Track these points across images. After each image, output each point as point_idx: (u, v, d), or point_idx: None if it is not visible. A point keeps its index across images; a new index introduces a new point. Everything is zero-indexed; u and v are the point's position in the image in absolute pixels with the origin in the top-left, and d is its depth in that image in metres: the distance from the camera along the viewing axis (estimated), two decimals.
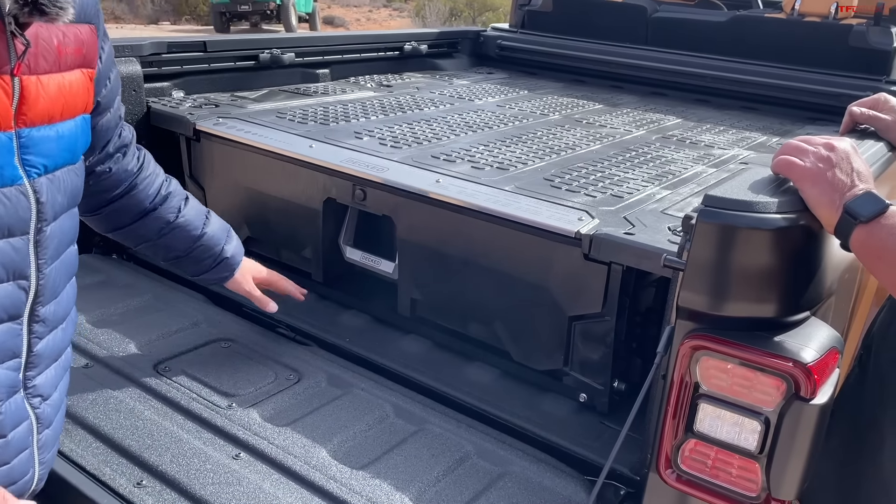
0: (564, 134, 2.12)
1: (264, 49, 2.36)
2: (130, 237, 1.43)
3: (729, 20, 2.90)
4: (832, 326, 1.14)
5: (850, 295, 1.36)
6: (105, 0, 31.38)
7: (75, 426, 1.30)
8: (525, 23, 3.35)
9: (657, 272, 1.26)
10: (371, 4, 46.01)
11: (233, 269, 1.51)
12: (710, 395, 1.09)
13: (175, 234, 1.42)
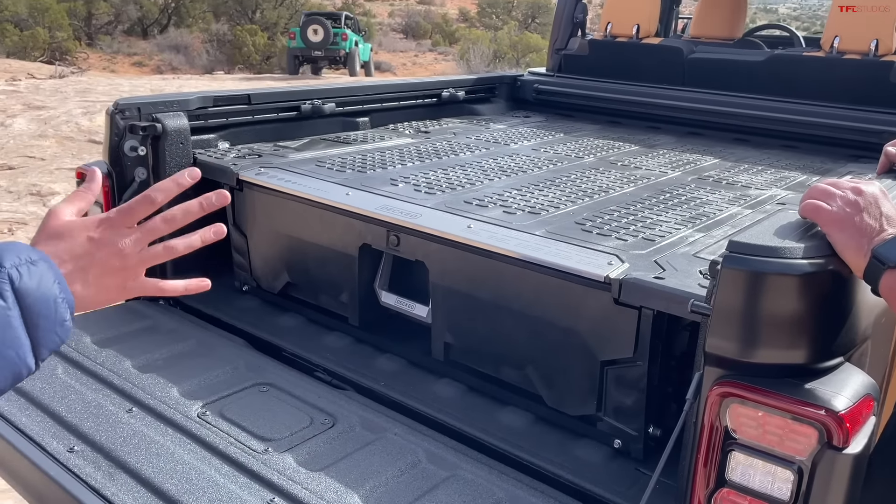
0: (598, 177, 2.14)
1: (306, 100, 2.44)
2: None
3: (767, 59, 2.89)
4: (869, 372, 1.12)
5: (889, 339, 1.33)
6: (164, 52, 32.73)
7: (117, 469, 1.35)
8: (562, 67, 3.39)
9: (686, 317, 1.25)
10: (417, 49, 46.88)
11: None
12: (742, 443, 1.07)
13: None
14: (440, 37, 49.97)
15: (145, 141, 1.96)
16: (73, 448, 1.39)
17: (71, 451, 1.38)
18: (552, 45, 3.45)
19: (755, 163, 2.44)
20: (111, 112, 1.94)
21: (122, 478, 1.32)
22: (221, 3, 39.51)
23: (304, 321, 1.97)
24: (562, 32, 3.39)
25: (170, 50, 32.70)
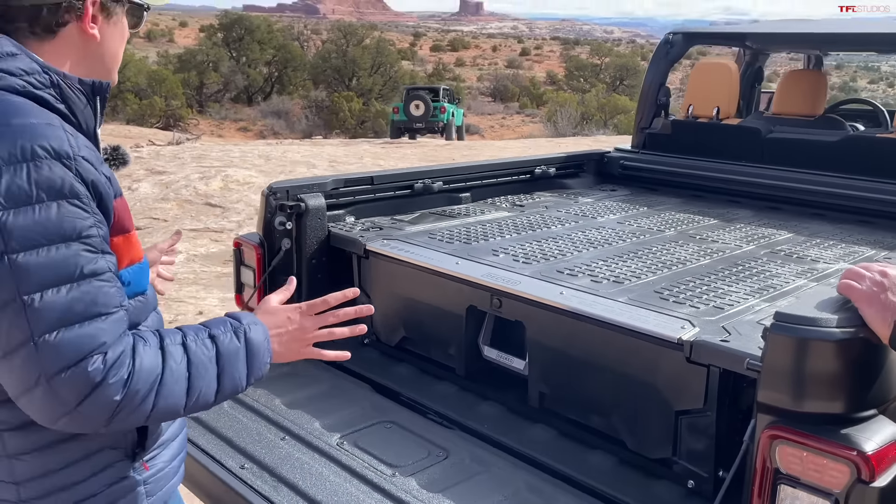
0: (677, 249, 2.40)
1: (418, 180, 2.83)
2: None
3: (841, 140, 3.10)
4: None
5: None
6: (266, 118, 34.69)
7: (280, 483, 1.69)
8: (646, 144, 3.68)
9: (744, 373, 1.50)
10: (504, 111, 47.75)
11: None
12: (789, 477, 1.32)
13: None
14: (528, 99, 50.99)
15: (291, 217, 2.37)
16: (244, 465, 1.75)
17: (242, 468, 1.74)
18: (637, 124, 3.75)
19: (827, 237, 2.64)
20: (266, 194, 2.36)
21: (285, 490, 1.67)
22: (321, 72, 41.80)
23: (417, 371, 2.30)
24: (646, 113, 3.69)
25: (272, 116, 34.76)
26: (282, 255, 2.36)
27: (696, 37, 3.79)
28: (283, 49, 43.79)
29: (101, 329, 1.08)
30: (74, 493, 1.21)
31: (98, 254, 1.11)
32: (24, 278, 1.05)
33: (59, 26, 1.19)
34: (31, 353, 1.05)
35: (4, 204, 1.04)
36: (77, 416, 1.07)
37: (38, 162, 1.07)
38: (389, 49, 47.40)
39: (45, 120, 1.12)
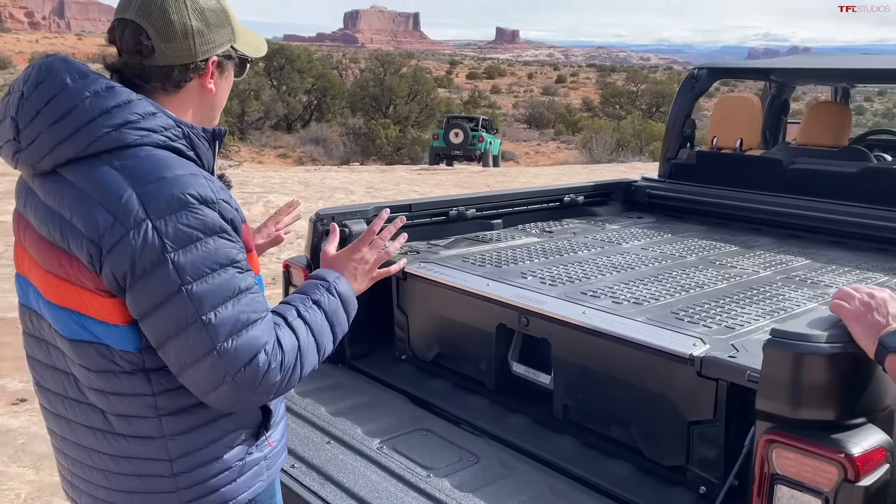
0: (697, 274, 2.55)
1: (453, 207, 3.02)
2: None
3: (860, 171, 3.22)
4: None
5: None
6: (305, 144, 35.34)
7: (326, 481, 1.87)
8: (672, 173, 3.83)
9: (747, 385, 1.65)
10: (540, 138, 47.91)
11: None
12: (784, 478, 1.46)
13: None
14: (563, 126, 51.18)
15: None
16: (294, 465, 1.94)
17: (292, 467, 1.93)
18: (664, 154, 3.91)
19: (843, 264, 2.76)
20: (313, 220, 2.58)
21: (330, 487, 1.85)
22: (359, 100, 42.57)
23: (451, 385, 2.47)
24: (672, 143, 3.85)
25: (311, 143, 35.47)
26: None
27: (720, 72, 3.94)
28: (322, 78, 44.75)
29: (260, 331, 1.33)
30: (213, 467, 1.45)
31: (246, 272, 1.36)
32: (200, 302, 1.29)
33: (185, 83, 1.41)
34: (216, 360, 1.30)
35: (174, 246, 1.27)
36: (255, 398, 1.36)
37: (191, 208, 1.29)
38: (426, 77, 48.12)
39: (188, 170, 1.34)
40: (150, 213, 1.27)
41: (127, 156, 1.32)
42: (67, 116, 1.32)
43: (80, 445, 1.46)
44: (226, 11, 1.46)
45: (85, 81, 1.34)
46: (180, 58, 1.40)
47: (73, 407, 1.44)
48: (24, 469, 3.80)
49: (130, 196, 1.28)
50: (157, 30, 1.38)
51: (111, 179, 1.30)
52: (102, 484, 1.47)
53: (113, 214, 1.28)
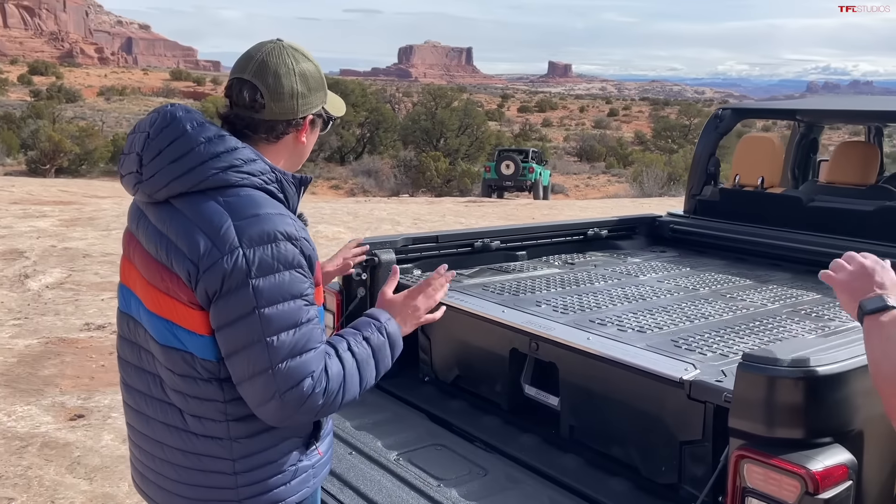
0: (705, 306, 2.67)
1: (478, 239, 3.22)
2: None
3: (876, 209, 3.31)
4: (872, 450, 1.59)
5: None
6: (357, 176, 36.00)
7: (345, 487, 2.06)
8: (696, 209, 3.96)
9: (724, 405, 1.78)
10: (590, 171, 47.83)
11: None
12: (753, 490, 1.59)
13: None
14: (614, 159, 51.04)
15: (366, 269, 2.79)
16: None
17: None
18: (689, 191, 4.04)
19: None
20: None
21: (349, 492, 2.04)
22: (410, 133, 43.34)
23: (468, 405, 2.64)
24: (697, 181, 3.99)
25: (362, 174, 36.16)
26: (357, 302, 2.78)
27: (744, 112, 4.08)
28: (375, 111, 45.70)
29: (312, 359, 1.54)
30: (268, 469, 1.67)
31: (311, 306, 1.58)
32: (268, 325, 1.51)
33: (284, 136, 1.67)
34: (269, 378, 1.51)
35: (257, 273, 1.51)
36: (298, 416, 1.56)
37: (277, 243, 1.53)
38: (477, 111, 48.69)
39: (279, 211, 1.58)
40: (242, 243, 1.51)
41: (229, 194, 1.57)
42: (184, 157, 1.58)
43: (156, 440, 1.69)
44: (322, 78, 1.72)
45: (201, 129, 1.60)
46: (284, 115, 1.66)
47: (154, 405, 1.68)
48: (79, 480, 4.08)
49: (229, 227, 1.52)
50: (269, 90, 1.63)
51: (214, 212, 1.54)
52: (171, 476, 1.69)
53: (212, 241, 1.52)
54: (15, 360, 5.79)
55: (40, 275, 8.45)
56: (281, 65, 1.66)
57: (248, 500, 1.67)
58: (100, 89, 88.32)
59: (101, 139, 36.31)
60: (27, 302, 7.44)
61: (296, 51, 1.69)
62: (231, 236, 1.51)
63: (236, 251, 1.50)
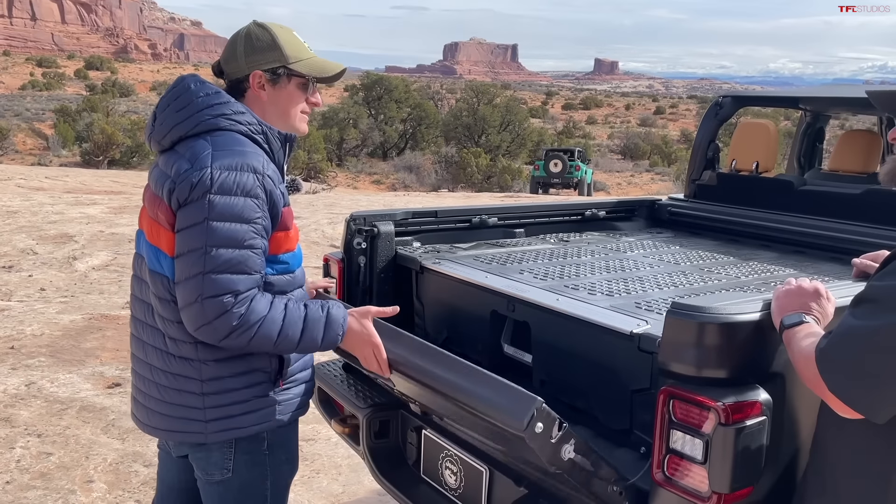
0: (681, 278, 2.83)
1: (475, 215, 3.43)
2: None
3: (863, 192, 3.41)
4: (799, 395, 1.76)
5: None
6: (399, 171, 36.32)
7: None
8: (696, 194, 4.10)
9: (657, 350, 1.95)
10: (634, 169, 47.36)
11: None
12: (678, 424, 1.77)
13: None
14: (658, 157, 50.44)
15: (366, 239, 3.03)
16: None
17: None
18: (689, 176, 4.18)
19: (826, 275, 2.97)
20: (348, 220, 3.04)
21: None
22: (452, 129, 43.55)
23: None
24: (697, 166, 4.12)
25: (404, 170, 36.53)
26: (355, 270, 3.01)
27: (744, 99, 4.20)
28: (418, 107, 46.05)
29: (240, 279, 1.78)
30: (233, 396, 1.92)
31: (258, 236, 1.82)
32: (211, 235, 1.76)
33: (245, 91, 1.99)
34: (199, 281, 1.76)
35: (216, 191, 1.77)
36: (209, 328, 1.77)
37: (241, 172, 1.81)
38: (519, 108, 48.67)
39: (254, 150, 1.87)
40: (212, 165, 1.79)
41: (217, 134, 1.87)
42: (185, 108, 1.90)
43: (147, 363, 1.97)
44: (275, 41, 1.98)
45: (201, 87, 1.93)
46: (236, 73, 1.99)
47: (147, 330, 1.96)
48: (112, 440, 4.41)
49: (207, 154, 1.82)
50: (223, 57, 2.02)
51: (201, 145, 1.85)
52: (156, 396, 1.96)
53: (190, 163, 1.81)
54: (60, 334, 6.19)
55: (87, 257, 8.93)
56: (235, 36, 2.00)
57: (213, 422, 1.91)
58: (152, 84, 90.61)
59: None
60: (74, 282, 7.88)
61: (259, 25, 2.00)
62: (207, 160, 1.80)
63: (205, 169, 1.78)
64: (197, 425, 1.91)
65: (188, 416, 1.92)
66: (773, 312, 1.75)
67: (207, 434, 1.91)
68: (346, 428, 2.89)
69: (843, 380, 1.46)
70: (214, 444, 1.93)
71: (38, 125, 44.76)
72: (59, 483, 3.86)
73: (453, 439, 2.56)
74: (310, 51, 2.06)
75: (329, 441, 4.36)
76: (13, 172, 17.98)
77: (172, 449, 2.09)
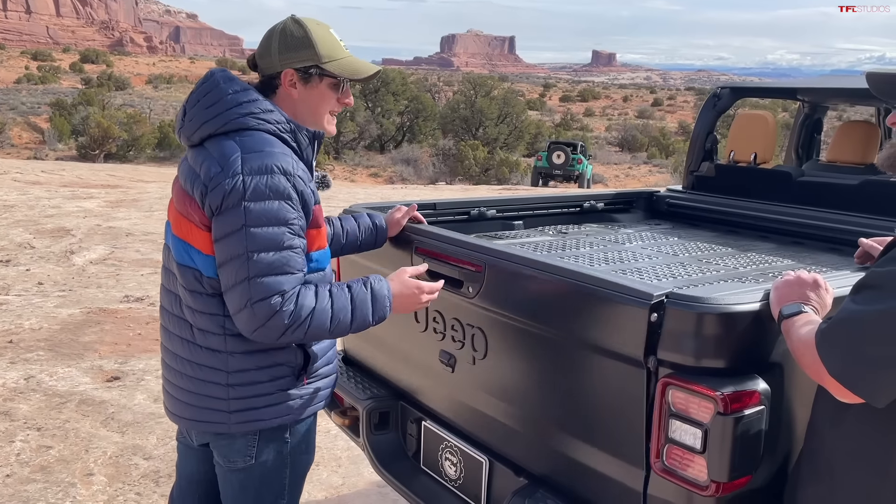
0: (679, 269, 2.83)
1: (473, 208, 3.43)
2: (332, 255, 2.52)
3: (860, 183, 3.42)
4: (797, 384, 1.77)
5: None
6: (396, 164, 36.30)
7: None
8: (694, 185, 4.10)
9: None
10: (632, 161, 47.39)
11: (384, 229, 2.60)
12: (676, 413, 1.78)
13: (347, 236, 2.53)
14: (656, 150, 50.46)
15: None
16: None
17: None
18: (687, 167, 4.19)
19: (823, 265, 2.98)
20: (345, 211, 3.03)
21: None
22: (449, 122, 43.51)
23: None
24: (695, 157, 4.13)
25: (401, 163, 36.51)
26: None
27: (742, 91, 4.20)
28: (415, 100, 46.00)
29: (285, 280, 1.80)
30: (257, 388, 1.94)
31: (296, 236, 1.83)
32: (252, 241, 1.78)
33: (276, 88, 1.99)
34: (246, 287, 1.78)
35: (250, 197, 1.78)
36: (264, 330, 1.79)
37: (272, 175, 1.81)
38: (517, 100, 48.61)
39: (283, 151, 1.87)
40: (244, 170, 1.80)
41: (246, 134, 1.87)
42: (214, 105, 1.90)
43: (174, 353, 1.99)
44: (310, 39, 1.97)
45: (230, 84, 1.93)
46: (269, 69, 1.98)
47: (174, 321, 1.97)
48: (112, 433, 4.42)
49: (237, 157, 1.82)
50: (258, 51, 2.00)
51: (229, 147, 1.85)
52: (182, 385, 1.98)
53: (221, 167, 1.82)
54: (58, 328, 6.20)
55: (85, 251, 8.92)
56: (271, 31, 1.98)
57: (237, 413, 1.92)
58: (148, 77, 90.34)
59: (149, 126, 37.31)
60: (72, 276, 7.88)
61: (295, 21, 1.98)
62: (237, 164, 1.80)
63: (237, 176, 1.79)
64: (220, 416, 1.93)
65: (212, 406, 1.93)
66: (771, 303, 1.75)
67: (230, 425, 1.93)
68: (346, 420, 2.91)
69: (843, 364, 1.47)
70: (238, 433, 1.95)
71: (34, 119, 44.68)
72: (59, 476, 3.87)
73: (453, 431, 2.58)
74: (345, 50, 2.05)
75: (329, 434, 4.37)
76: (9, 166, 17.95)
77: (194, 438, 2.10)
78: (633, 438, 1.88)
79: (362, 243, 2.56)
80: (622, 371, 1.90)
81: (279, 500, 2.05)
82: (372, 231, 2.57)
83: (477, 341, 2.37)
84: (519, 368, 2.28)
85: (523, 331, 2.22)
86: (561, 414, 2.13)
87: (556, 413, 2.15)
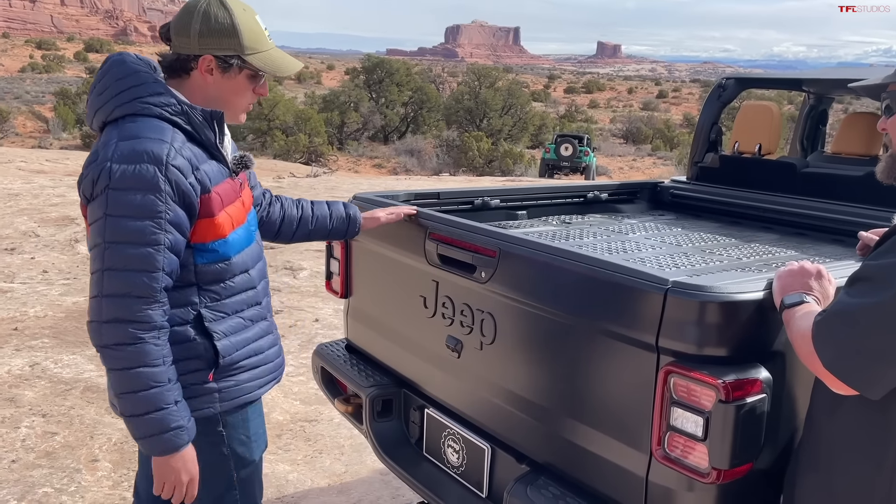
0: (683, 259, 2.84)
1: (477, 197, 3.43)
2: (299, 238, 2.49)
3: (865, 174, 3.41)
4: (798, 373, 1.78)
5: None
6: (400, 155, 36.23)
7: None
8: (698, 176, 4.10)
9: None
10: (636, 153, 47.28)
11: (358, 220, 2.58)
12: (678, 401, 1.79)
13: (316, 221, 2.50)
14: (661, 141, 50.31)
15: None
16: None
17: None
18: (691, 158, 4.18)
19: (826, 257, 2.98)
20: (350, 200, 3.04)
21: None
22: (453, 113, 43.41)
23: None
24: (699, 148, 4.12)
25: (405, 154, 36.47)
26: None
27: (748, 81, 4.18)
28: (419, 91, 45.91)
29: (141, 277, 1.73)
30: (183, 380, 1.88)
31: (161, 231, 1.74)
32: (111, 231, 1.72)
33: (190, 70, 1.89)
34: (98, 277, 1.75)
35: (114, 186, 1.72)
36: (96, 327, 1.74)
37: (140, 164, 1.73)
38: (521, 91, 48.49)
39: (162, 137, 1.78)
40: (112, 157, 1.74)
41: (129, 120, 1.81)
42: (104, 92, 1.85)
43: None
44: (234, 27, 1.86)
45: (121, 69, 1.86)
46: (185, 49, 1.87)
47: None
48: (117, 419, 4.44)
49: (112, 144, 1.77)
50: (174, 25, 1.89)
51: (111, 134, 1.80)
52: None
53: (97, 154, 1.78)
54: (63, 315, 6.22)
55: None
56: (192, 7, 1.86)
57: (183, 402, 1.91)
58: None
59: None
60: (76, 264, 7.90)
61: (221, 3, 1.86)
62: (109, 152, 1.75)
63: (106, 163, 1.73)
64: None
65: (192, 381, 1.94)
66: (774, 292, 1.76)
67: None
68: (349, 407, 2.92)
69: (837, 356, 1.48)
70: None
71: (39, 108, 44.70)
72: (64, 462, 3.90)
73: (456, 418, 2.59)
74: (269, 41, 1.94)
75: (332, 422, 4.39)
76: (14, 155, 17.98)
77: None
78: (641, 423, 1.89)
79: (332, 231, 2.53)
80: (634, 356, 1.91)
81: (230, 491, 2.01)
82: (344, 220, 2.54)
83: (486, 326, 2.37)
84: (527, 353, 2.29)
85: (534, 315, 2.22)
86: (567, 398, 2.14)
87: (562, 397, 2.17)
